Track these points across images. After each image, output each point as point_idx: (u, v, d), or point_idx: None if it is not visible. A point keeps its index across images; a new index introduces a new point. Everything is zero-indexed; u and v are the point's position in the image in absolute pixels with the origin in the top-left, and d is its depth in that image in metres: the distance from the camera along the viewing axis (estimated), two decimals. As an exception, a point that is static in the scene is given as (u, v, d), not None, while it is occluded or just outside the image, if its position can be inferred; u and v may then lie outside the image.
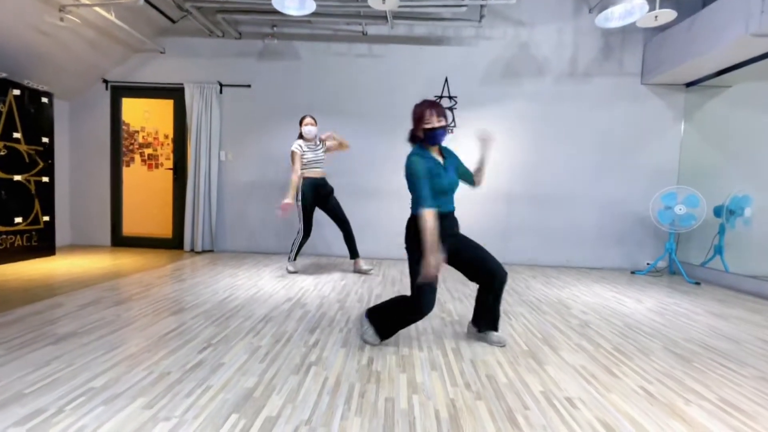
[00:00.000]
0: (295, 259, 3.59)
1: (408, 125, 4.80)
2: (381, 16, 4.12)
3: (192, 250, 4.54)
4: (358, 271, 3.67)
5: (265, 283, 3.13)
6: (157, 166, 5.72)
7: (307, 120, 3.45)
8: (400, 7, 3.72)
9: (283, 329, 2.11)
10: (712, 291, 3.51)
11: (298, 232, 3.54)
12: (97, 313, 2.25)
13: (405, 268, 4.00)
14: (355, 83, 4.47)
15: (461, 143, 4.44)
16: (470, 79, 4.41)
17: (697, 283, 3.78)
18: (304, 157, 3.42)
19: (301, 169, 3.42)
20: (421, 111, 1.85)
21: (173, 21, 4.43)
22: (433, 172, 1.82)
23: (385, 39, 4.43)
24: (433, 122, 1.82)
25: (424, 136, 1.86)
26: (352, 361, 1.75)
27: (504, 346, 1.99)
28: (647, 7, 3.08)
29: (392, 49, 4.43)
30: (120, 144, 4.71)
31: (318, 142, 3.52)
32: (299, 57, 4.49)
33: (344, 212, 3.62)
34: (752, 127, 3.70)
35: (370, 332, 1.93)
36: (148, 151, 5.73)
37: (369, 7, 3.76)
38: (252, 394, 1.43)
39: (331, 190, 3.59)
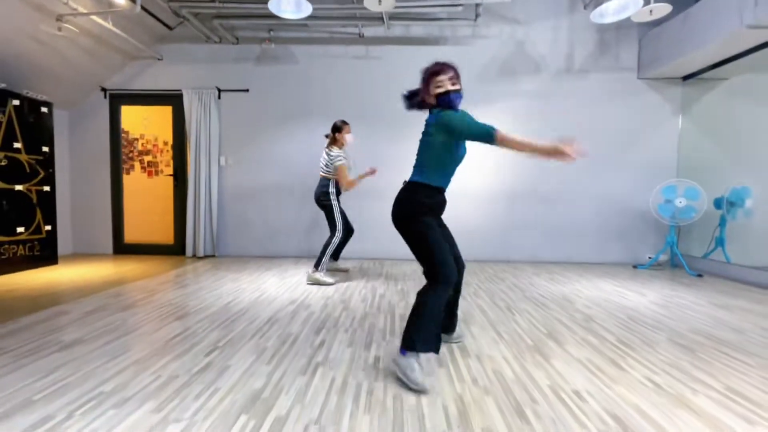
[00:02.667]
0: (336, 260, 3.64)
1: (407, 125, 4.80)
2: (377, 18, 4.14)
3: (194, 256, 4.54)
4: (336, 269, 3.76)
5: (268, 286, 3.13)
6: (157, 173, 5.71)
7: (348, 128, 3.29)
8: (396, 8, 3.74)
9: (289, 331, 2.11)
10: (715, 283, 3.51)
11: (334, 234, 3.31)
12: (102, 320, 2.26)
13: (405, 266, 4.01)
14: (353, 85, 4.49)
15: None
16: (468, 79, 4.42)
17: (700, 275, 3.79)
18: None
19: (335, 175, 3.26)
20: (435, 70, 1.64)
21: (170, 28, 4.46)
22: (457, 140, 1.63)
23: (381, 40, 4.44)
24: (446, 85, 1.62)
25: (437, 102, 1.64)
26: (359, 360, 1.75)
27: (460, 342, 1.96)
28: (642, 2, 3.09)
29: (389, 51, 4.45)
30: (119, 152, 4.72)
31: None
32: (296, 60, 4.51)
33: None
34: (750, 118, 3.72)
35: (415, 368, 1.50)
36: (147, 158, 5.73)
37: (365, 8, 3.79)
38: (260, 395, 1.43)
39: None
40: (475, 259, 4.40)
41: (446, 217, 4.30)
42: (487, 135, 1.54)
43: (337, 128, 3.28)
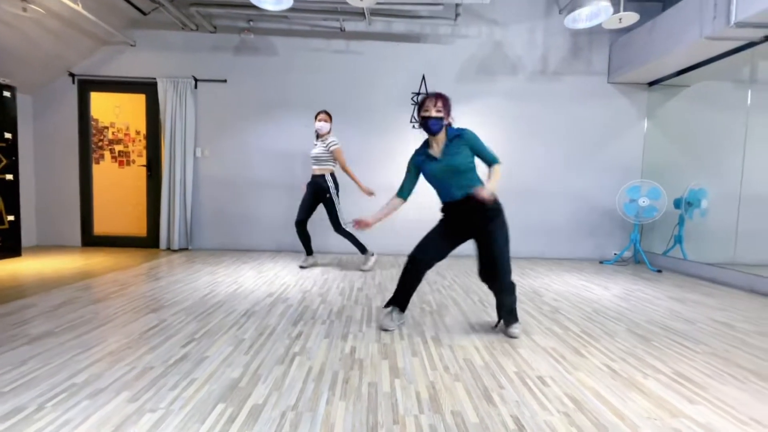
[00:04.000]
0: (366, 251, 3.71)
1: (386, 121, 4.85)
2: (358, 13, 4.14)
3: (168, 249, 4.45)
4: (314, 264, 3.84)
5: (245, 279, 3.13)
6: (129, 163, 5.54)
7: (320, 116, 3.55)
8: (377, 3, 3.76)
9: (266, 323, 2.13)
10: (673, 278, 3.75)
11: (348, 226, 3.65)
12: (72, 313, 2.21)
13: (384, 260, 4.07)
14: (333, 79, 4.49)
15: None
16: (447, 77, 4.50)
17: (659, 271, 4.03)
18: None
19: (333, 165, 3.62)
20: (422, 99, 1.99)
21: (144, 13, 4.31)
22: (417, 165, 2.09)
23: (363, 35, 4.46)
24: (430, 111, 1.94)
25: (421, 125, 2.01)
26: (336, 350, 1.80)
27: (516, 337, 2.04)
28: (612, 10, 3.24)
29: (370, 46, 4.47)
30: (89, 140, 4.55)
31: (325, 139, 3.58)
32: (276, 52, 4.46)
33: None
34: (708, 124, 3.97)
35: (386, 318, 2.10)
36: (118, 147, 5.54)
37: (346, 3, 3.79)
38: (238, 384, 1.46)
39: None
40: (451, 254, 4.51)
41: (421, 211, 4.37)
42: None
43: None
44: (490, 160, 2.01)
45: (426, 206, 4.19)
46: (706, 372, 1.70)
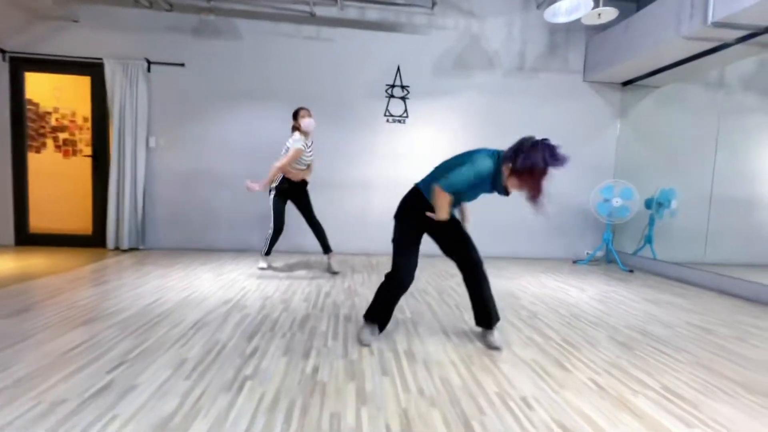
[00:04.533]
0: (268, 254, 3.35)
1: (355, 111, 4.59)
2: (330, -3, 3.87)
3: (117, 248, 4.04)
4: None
5: (201, 284, 2.82)
6: (75, 153, 5.00)
7: (303, 112, 3.08)
8: (349, -13, 3.51)
9: (217, 337, 1.87)
10: (644, 277, 3.75)
11: (270, 228, 3.24)
12: (-20, 328, 1.86)
13: (355, 261, 3.85)
14: (303, 67, 4.20)
15: (413, 135, 4.35)
16: (423, 69, 4.31)
17: (631, 271, 4.03)
18: (304, 154, 3.10)
19: (294, 167, 3.09)
20: (544, 167, 1.64)
21: (88, -15, 3.86)
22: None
23: (335, 22, 4.19)
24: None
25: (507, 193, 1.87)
26: (295, 370, 1.57)
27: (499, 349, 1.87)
28: (592, 4, 3.15)
29: (343, 33, 4.20)
30: (24, 125, 4.05)
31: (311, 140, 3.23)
32: (240, 36, 4.12)
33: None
34: (677, 125, 3.99)
35: (365, 331, 1.90)
36: (63, 135, 5.00)
37: (316, -16, 3.51)
38: (170, 421, 1.20)
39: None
40: (426, 254, 4.34)
41: (386, 209, 4.20)
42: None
43: (294, 114, 3.11)
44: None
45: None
46: (694, 386, 1.60)
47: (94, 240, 4.16)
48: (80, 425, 1.16)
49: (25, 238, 4.09)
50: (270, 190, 3.17)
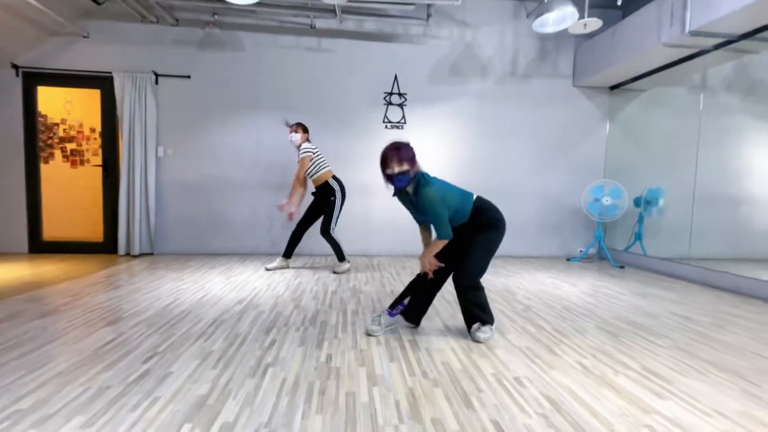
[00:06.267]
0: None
1: (357, 121, 4.80)
2: (329, 10, 4.06)
3: (128, 254, 4.19)
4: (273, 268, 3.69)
5: (213, 286, 2.98)
6: (82, 163, 5.17)
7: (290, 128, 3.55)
8: (349, 1, 3.70)
9: (236, 332, 2.03)
10: (634, 273, 3.93)
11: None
12: (16, 329, 2.01)
13: (357, 261, 4.02)
14: (304, 77, 4.38)
15: (410, 140, 4.52)
16: (419, 77, 4.50)
17: (622, 267, 4.22)
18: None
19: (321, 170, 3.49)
20: (383, 155, 1.90)
21: (98, 2, 4.03)
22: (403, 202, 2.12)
23: (334, 33, 4.37)
24: (393, 168, 1.85)
25: (387, 182, 1.95)
26: (311, 359, 1.73)
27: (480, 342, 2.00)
28: (577, 15, 3.34)
29: (342, 44, 4.39)
30: (36, 137, 4.21)
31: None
32: (243, 48, 4.30)
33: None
34: (663, 126, 4.19)
35: (374, 323, 2.06)
36: (70, 146, 5.16)
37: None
38: (206, 401, 1.36)
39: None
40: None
41: (386, 212, 4.37)
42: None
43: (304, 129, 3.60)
44: (436, 232, 1.93)
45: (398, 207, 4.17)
46: (671, 365, 1.77)
47: (105, 246, 4.31)
48: (129, 404, 1.32)
49: (39, 246, 4.23)
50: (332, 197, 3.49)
